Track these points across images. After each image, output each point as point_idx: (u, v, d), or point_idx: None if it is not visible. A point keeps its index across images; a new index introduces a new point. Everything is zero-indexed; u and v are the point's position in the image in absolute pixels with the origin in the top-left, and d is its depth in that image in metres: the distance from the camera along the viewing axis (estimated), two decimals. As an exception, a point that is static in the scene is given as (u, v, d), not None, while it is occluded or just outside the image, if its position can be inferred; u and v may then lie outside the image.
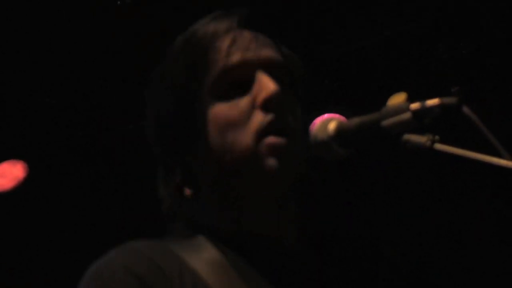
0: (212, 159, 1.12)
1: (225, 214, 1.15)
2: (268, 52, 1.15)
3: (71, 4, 3.03)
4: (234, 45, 1.12)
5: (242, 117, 1.10)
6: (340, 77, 3.12)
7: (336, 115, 1.12)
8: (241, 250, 1.11)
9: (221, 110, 1.11)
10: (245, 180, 1.11)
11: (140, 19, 3.08)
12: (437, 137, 1.02)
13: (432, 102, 1.03)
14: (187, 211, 1.17)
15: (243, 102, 1.11)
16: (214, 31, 1.14)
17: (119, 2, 2.97)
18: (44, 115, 3.47)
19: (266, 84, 1.10)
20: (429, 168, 3.32)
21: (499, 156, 1.00)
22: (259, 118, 1.10)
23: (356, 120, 1.09)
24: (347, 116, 1.11)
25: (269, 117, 1.10)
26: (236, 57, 1.12)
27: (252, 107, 1.11)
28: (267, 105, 1.09)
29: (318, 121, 1.12)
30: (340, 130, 1.09)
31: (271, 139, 1.09)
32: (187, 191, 1.15)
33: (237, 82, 1.12)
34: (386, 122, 1.05)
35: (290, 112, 1.13)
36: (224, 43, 1.13)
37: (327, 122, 1.11)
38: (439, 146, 1.02)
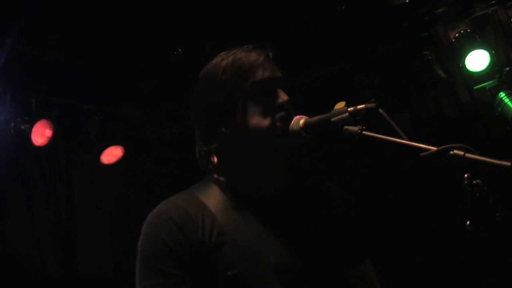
0: (242, 132, 1.77)
1: (237, 173, 1.81)
2: (280, 74, 1.85)
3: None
4: (265, 69, 1.81)
5: (265, 110, 1.77)
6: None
7: (304, 116, 1.78)
8: (241, 197, 1.78)
9: (252, 105, 1.78)
10: (261, 146, 1.77)
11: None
12: (364, 127, 1.66)
13: (360, 106, 1.66)
14: (213, 170, 1.84)
15: (267, 103, 1.78)
16: (252, 59, 1.82)
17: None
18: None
19: (283, 95, 1.79)
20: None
21: (402, 138, 1.63)
22: (276, 113, 1.77)
23: (316, 118, 1.73)
24: (310, 115, 1.77)
25: (283, 113, 1.77)
26: (266, 74, 1.81)
27: (271, 107, 1.77)
28: (283, 106, 1.77)
29: (294, 119, 1.79)
30: (306, 124, 1.75)
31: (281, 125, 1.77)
32: (215, 159, 1.83)
33: (264, 91, 1.79)
34: (334, 119, 1.67)
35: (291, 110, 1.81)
36: (259, 67, 1.81)
37: (299, 119, 1.77)
38: (366, 133, 1.66)
